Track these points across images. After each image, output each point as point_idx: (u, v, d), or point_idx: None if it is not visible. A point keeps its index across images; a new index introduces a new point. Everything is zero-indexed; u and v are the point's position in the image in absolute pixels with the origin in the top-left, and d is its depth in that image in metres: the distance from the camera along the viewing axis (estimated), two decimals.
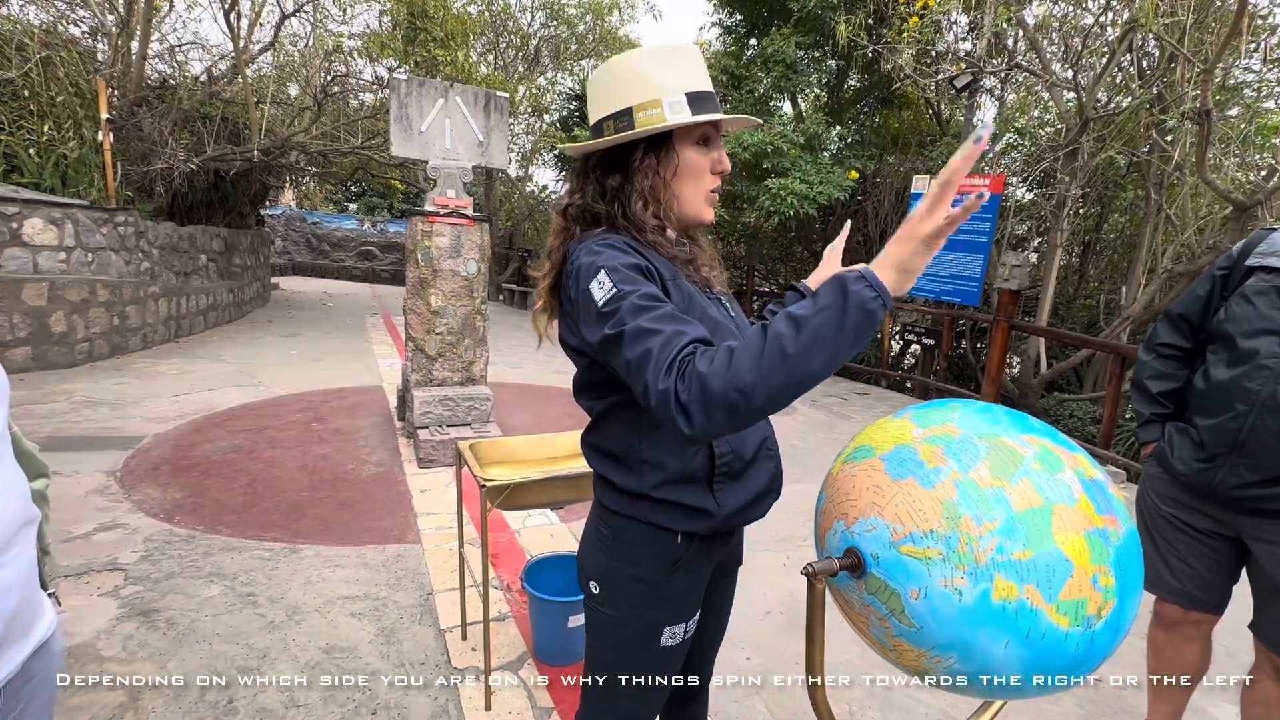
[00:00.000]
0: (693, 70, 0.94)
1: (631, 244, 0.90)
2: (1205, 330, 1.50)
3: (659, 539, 0.95)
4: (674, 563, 0.95)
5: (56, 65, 6.26)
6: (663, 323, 0.77)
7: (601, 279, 0.83)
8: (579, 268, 0.87)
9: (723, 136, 1.00)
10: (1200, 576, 1.51)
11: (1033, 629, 0.64)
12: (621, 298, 0.80)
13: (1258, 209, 4.86)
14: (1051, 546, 0.65)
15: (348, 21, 9.38)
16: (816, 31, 7.27)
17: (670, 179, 0.95)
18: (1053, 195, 6.62)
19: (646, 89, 0.92)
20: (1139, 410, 1.62)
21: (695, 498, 0.93)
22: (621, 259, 0.85)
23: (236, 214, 10.14)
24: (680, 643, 1.00)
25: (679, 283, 0.92)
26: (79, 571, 2.36)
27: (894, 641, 0.73)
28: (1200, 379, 1.46)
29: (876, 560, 0.72)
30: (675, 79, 0.92)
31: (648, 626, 0.97)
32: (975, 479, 0.70)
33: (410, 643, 2.09)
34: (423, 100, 3.78)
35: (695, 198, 0.97)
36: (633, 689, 1.00)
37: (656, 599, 0.96)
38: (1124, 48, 5.68)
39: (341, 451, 3.86)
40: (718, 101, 0.96)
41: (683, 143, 0.95)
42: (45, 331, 5.14)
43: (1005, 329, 5.31)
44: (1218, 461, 1.39)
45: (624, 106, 0.93)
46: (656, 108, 0.91)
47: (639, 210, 0.94)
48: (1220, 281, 1.48)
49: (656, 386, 0.73)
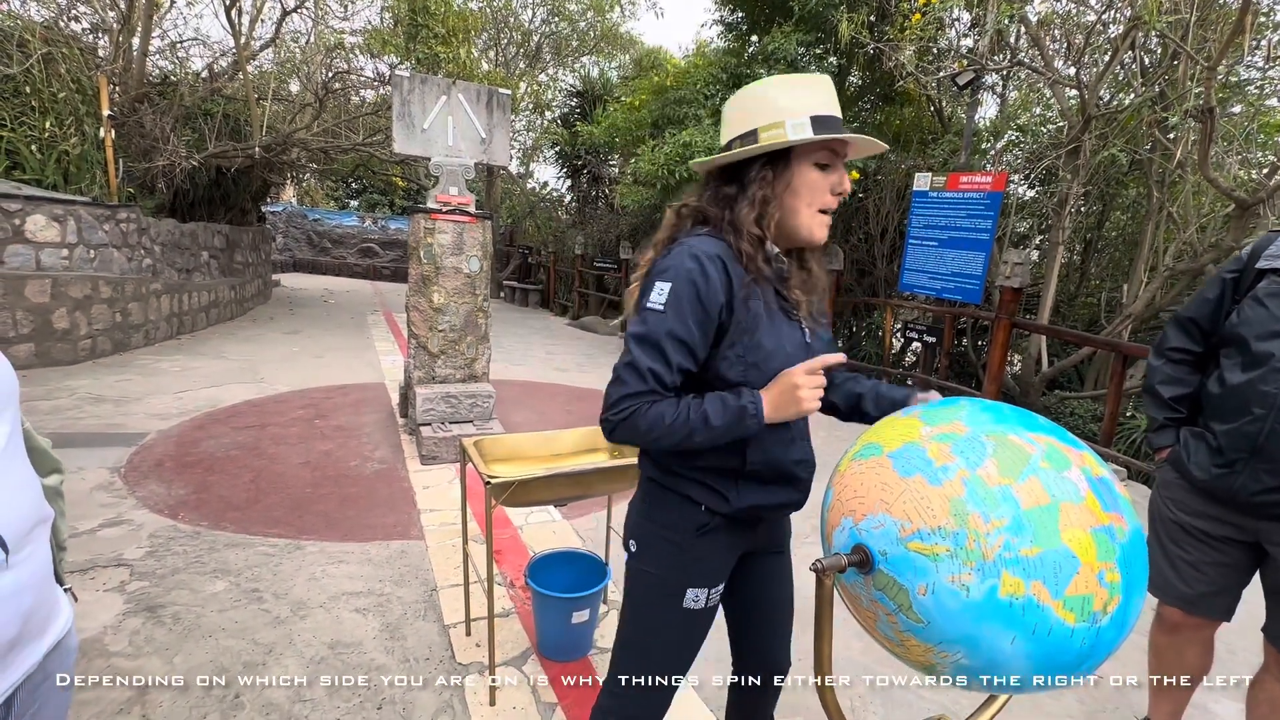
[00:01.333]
0: (820, 96, 1.00)
1: (722, 256, 0.99)
2: (1217, 334, 1.49)
3: (687, 508, 1.08)
4: (699, 529, 1.08)
5: (58, 62, 6.25)
6: (654, 358, 0.97)
7: (663, 288, 0.98)
8: (667, 264, 1.00)
9: (844, 159, 1.04)
10: (1210, 583, 1.49)
11: (1039, 624, 0.65)
12: (659, 318, 0.97)
13: (1260, 207, 4.85)
14: (1058, 543, 0.66)
15: (349, 18, 9.39)
16: (818, 29, 7.24)
17: (782, 192, 1.02)
18: (1054, 193, 6.62)
19: (772, 111, 0.99)
20: (1152, 416, 1.61)
21: (719, 483, 1.06)
22: (692, 284, 0.97)
23: (238, 211, 10.14)
24: (703, 608, 1.11)
25: (749, 304, 1.00)
26: (85, 567, 2.38)
27: (901, 637, 0.74)
28: (1215, 383, 1.44)
29: (884, 557, 0.73)
30: (800, 102, 0.99)
31: (674, 585, 1.09)
32: (983, 476, 0.70)
33: (414, 638, 2.10)
34: (425, 97, 3.78)
35: (807, 214, 1.03)
36: (661, 645, 1.12)
37: (683, 560, 1.09)
38: (1127, 45, 5.67)
39: (344, 448, 3.87)
40: (842, 128, 1.00)
41: (801, 161, 1.01)
42: (48, 328, 5.15)
43: (1007, 327, 5.31)
44: (1236, 467, 1.37)
45: (750, 128, 1.01)
46: (779, 128, 0.98)
47: (744, 215, 1.01)
48: (1231, 285, 1.47)
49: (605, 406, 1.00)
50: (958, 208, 6.04)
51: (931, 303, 6.60)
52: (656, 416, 0.96)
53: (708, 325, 0.98)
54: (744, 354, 1.00)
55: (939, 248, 6.23)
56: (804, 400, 0.94)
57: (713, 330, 0.99)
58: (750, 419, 0.95)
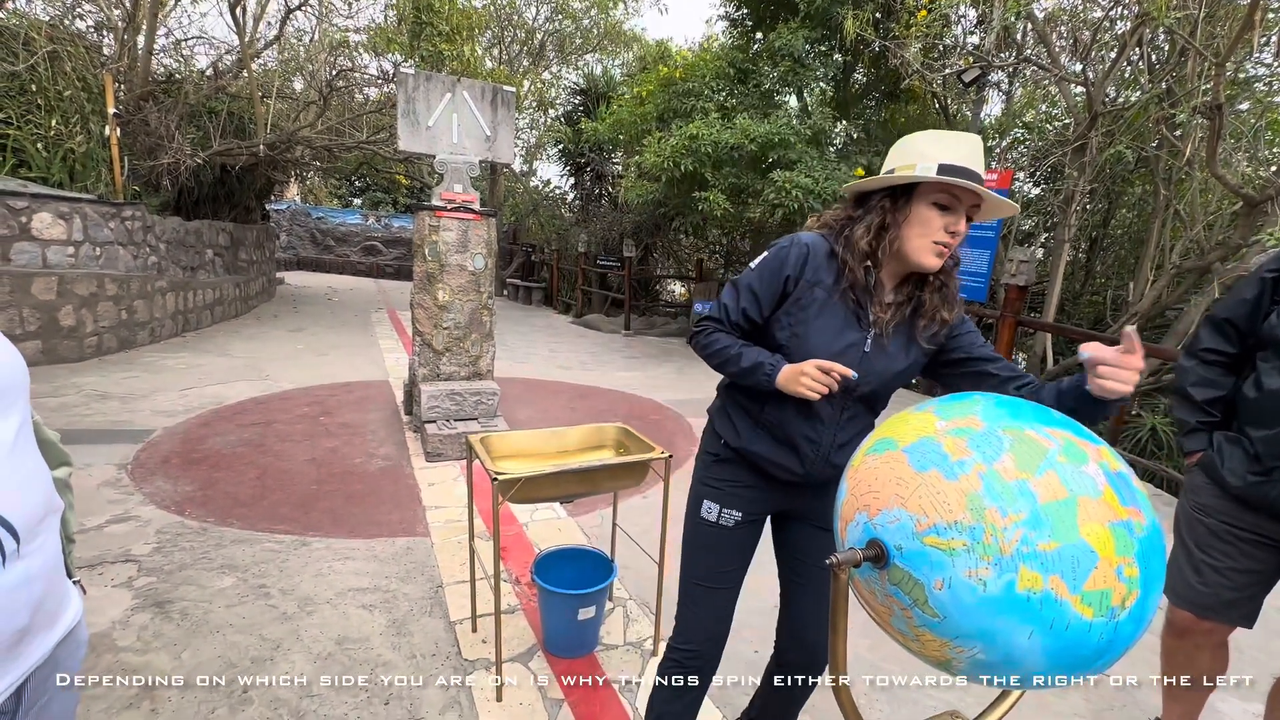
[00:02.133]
0: (962, 150, 1.09)
1: (811, 246, 1.21)
2: (1254, 335, 1.43)
3: (712, 437, 1.39)
4: (715, 456, 1.37)
5: (63, 60, 6.27)
6: (730, 297, 1.27)
7: (762, 256, 1.25)
8: (772, 244, 1.26)
9: (970, 208, 1.12)
10: (1238, 589, 1.45)
11: (1057, 619, 0.64)
12: (750, 272, 1.25)
13: (1268, 204, 4.82)
14: (1076, 538, 0.65)
15: (353, 15, 9.38)
16: (823, 26, 7.22)
17: (901, 222, 1.14)
18: (1060, 190, 6.59)
19: (913, 155, 1.12)
20: (1182, 419, 1.55)
21: (740, 421, 1.31)
22: (776, 254, 1.22)
23: (242, 209, 10.16)
24: (715, 522, 1.33)
25: (813, 290, 1.20)
26: (93, 563, 2.38)
27: (916, 632, 0.73)
28: (1251, 387, 1.39)
29: (900, 551, 0.72)
30: (938, 151, 1.09)
31: (696, 495, 1.38)
32: (1000, 471, 0.70)
33: (421, 634, 2.10)
34: (430, 94, 3.77)
35: (919, 244, 1.13)
36: (689, 548, 1.38)
37: (704, 476, 1.38)
38: (1134, 41, 5.63)
39: (350, 445, 3.88)
40: (974, 177, 1.08)
41: (921, 199, 1.12)
42: (54, 325, 5.17)
43: (1012, 325, 5.28)
44: (1274, 475, 1.33)
45: (891, 167, 1.15)
46: (910, 168, 1.11)
47: (857, 235, 1.18)
48: (1271, 284, 1.40)
49: (696, 321, 1.36)
50: None
51: None
52: (715, 338, 1.26)
53: (775, 286, 1.21)
54: (792, 324, 1.21)
55: None
56: (801, 384, 1.13)
57: (778, 294, 1.22)
58: (764, 376, 1.19)
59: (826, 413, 1.23)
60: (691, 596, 1.37)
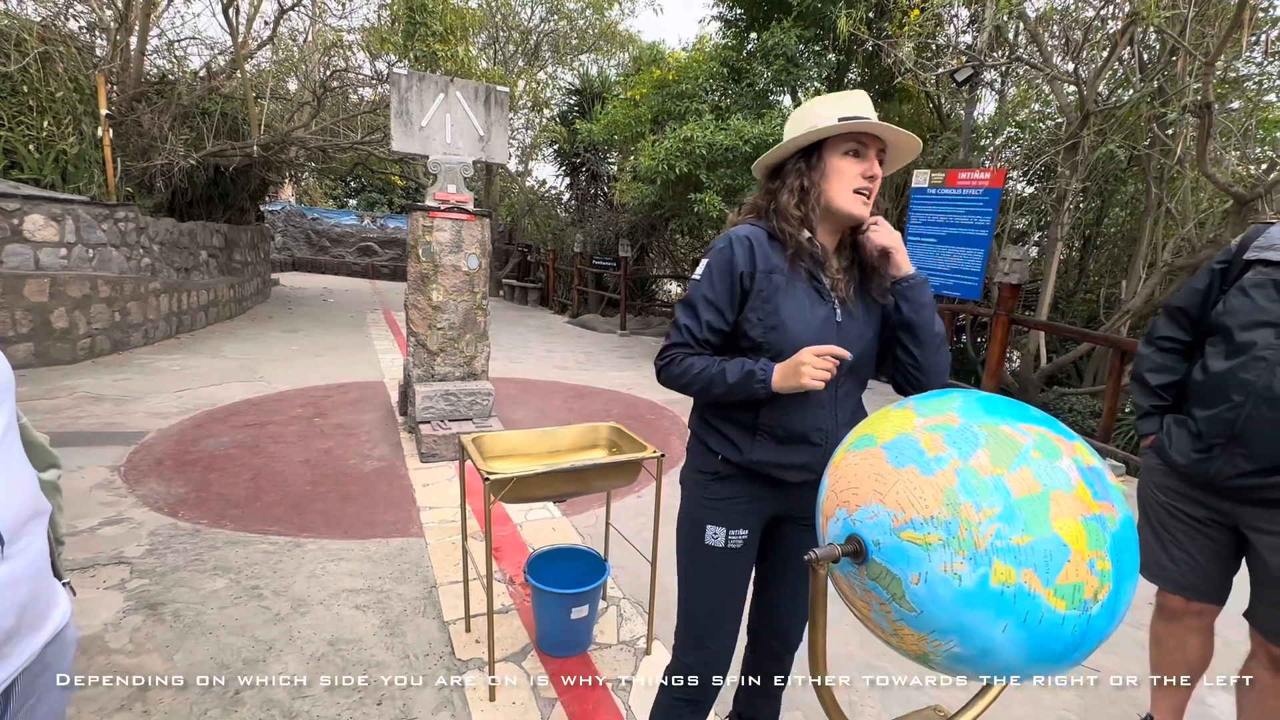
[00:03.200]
0: (853, 103, 1.16)
1: (751, 238, 1.19)
2: (1204, 323, 1.51)
3: (707, 455, 1.27)
4: (714, 475, 1.26)
5: (55, 61, 6.24)
6: (688, 315, 1.20)
7: (703, 265, 1.21)
8: (710, 249, 1.23)
9: (876, 152, 1.18)
10: (1201, 566, 1.52)
11: (1031, 612, 0.65)
12: (699, 284, 1.20)
13: (1258, 202, 4.85)
14: (1049, 532, 0.66)
15: (347, 16, 9.36)
16: (817, 25, 7.23)
17: (819, 181, 1.17)
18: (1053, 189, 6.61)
19: (810, 119, 1.16)
20: (1138, 403, 1.63)
21: (737, 436, 1.22)
22: (720, 256, 1.19)
23: (236, 210, 10.13)
24: (723, 547, 1.24)
25: (771, 276, 1.17)
26: (85, 565, 2.38)
27: (895, 626, 0.74)
28: (1198, 371, 1.47)
29: (878, 547, 0.73)
30: (834, 109, 1.15)
31: (696, 521, 1.27)
32: (975, 467, 0.71)
33: (414, 635, 2.11)
34: (423, 95, 3.77)
35: (841, 195, 1.17)
36: (695, 578, 1.29)
37: (702, 499, 1.27)
38: (1125, 41, 5.66)
39: (344, 446, 3.88)
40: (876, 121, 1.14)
41: (832, 153, 1.17)
42: (47, 327, 5.15)
43: (1005, 323, 5.31)
44: (1215, 452, 1.40)
45: (793, 135, 1.18)
46: (811, 129, 1.15)
47: (785, 202, 1.19)
48: (1219, 275, 1.49)
49: (659, 355, 1.25)
50: (956, 204, 6.04)
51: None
52: (688, 365, 1.18)
53: (733, 289, 1.18)
54: (763, 318, 1.16)
55: (938, 244, 6.23)
56: (804, 375, 1.07)
57: (738, 294, 1.18)
58: (758, 383, 1.12)
59: (824, 398, 1.20)
60: (705, 631, 1.26)
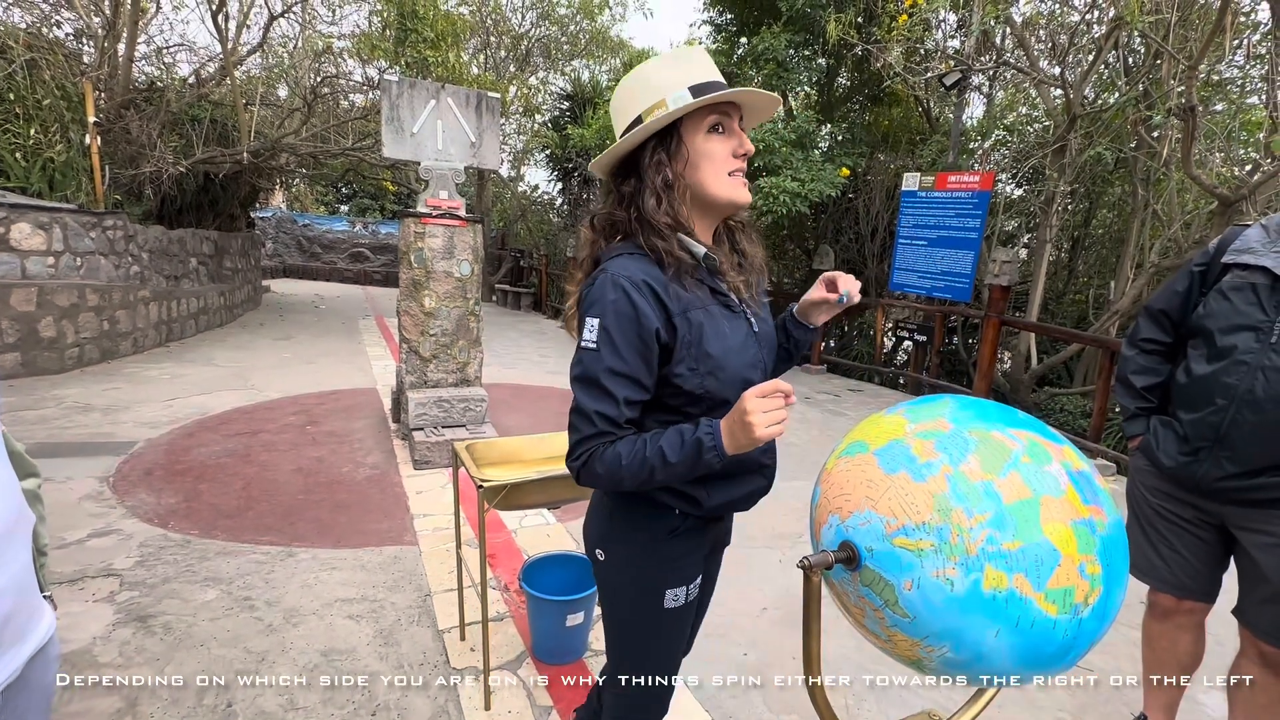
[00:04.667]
0: (696, 65, 0.96)
1: (649, 279, 0.93)
2: (1185, 325, 1.52)
3: (658, 513, 1.03)
4: (671, 532, 1.04)
5: (42, 68, 6.20)
6: (597, 398, 0.93)
7: (592, 324, 0.93)
8: (592, 298, 0.95)
9: (739, 121, 1.00)
10: (1190, 566, 1.54)
11: (1022, 617, 0.66)
12: (595, 358, 0.93)
13: (1243, 203, 4.92)
14: (1040, 537, 0.67)
15: (337, 22, 9.36)
16: (806, 30, 7.29)
17: (683, 170, 0.96)
18: (1041, 191, 6.68)
19: (651, 93, 0.95)
20: (1124, 405, 1.65)
21: (689, 488, 1.01)
22: (619, 316, 0.91)
23: (226, 217, 10.07)
24: (683, 605, 1.07)
25: (688, 316, 0.95)
26: (74, 578, 2.35)
27: (888, 632, 0.75)
28: (1182, 374, 1.48)
29: (871, 553, 0.74)
30: (677, 76, 0.94)
31: (651, 586, 1.05)
32: (966, 472, 0.71)
33: (409, 644, 2.09)
34: (414, 101, 3.77)
35: (716, 182, 0.97)
36: (653, 647, 1.09)
37: (658, 559, 1.04)
38: (1110, 45, 5.74)
39: (336, 454, 3.85)
40: (728, 87, 0.96)
41: (692, 133, 0.96)
42: (34, 337, 5.09)
43: (996, 325, 5.35)
44: (1201, 454, 1.42)
45: (635, 115, 0.97)
46: (661, 107, 0.94)
47: (652, 209, 0.96)
48: (1199, 277, 1.51)
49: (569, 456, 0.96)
50: (946, 207, 6.09)
51: (922, 302, 6.64)
52: (614, 458, 0.91)
53: (647, 353, 0.93)
54: (696, 365, 0.95)
55: (928, 247, 6.28)
56: (756, 428, 0.83)
57: (654, 355, 0.94)
58: (709, 452, 0.87)
59: None
60: (659, 690, 1.12)
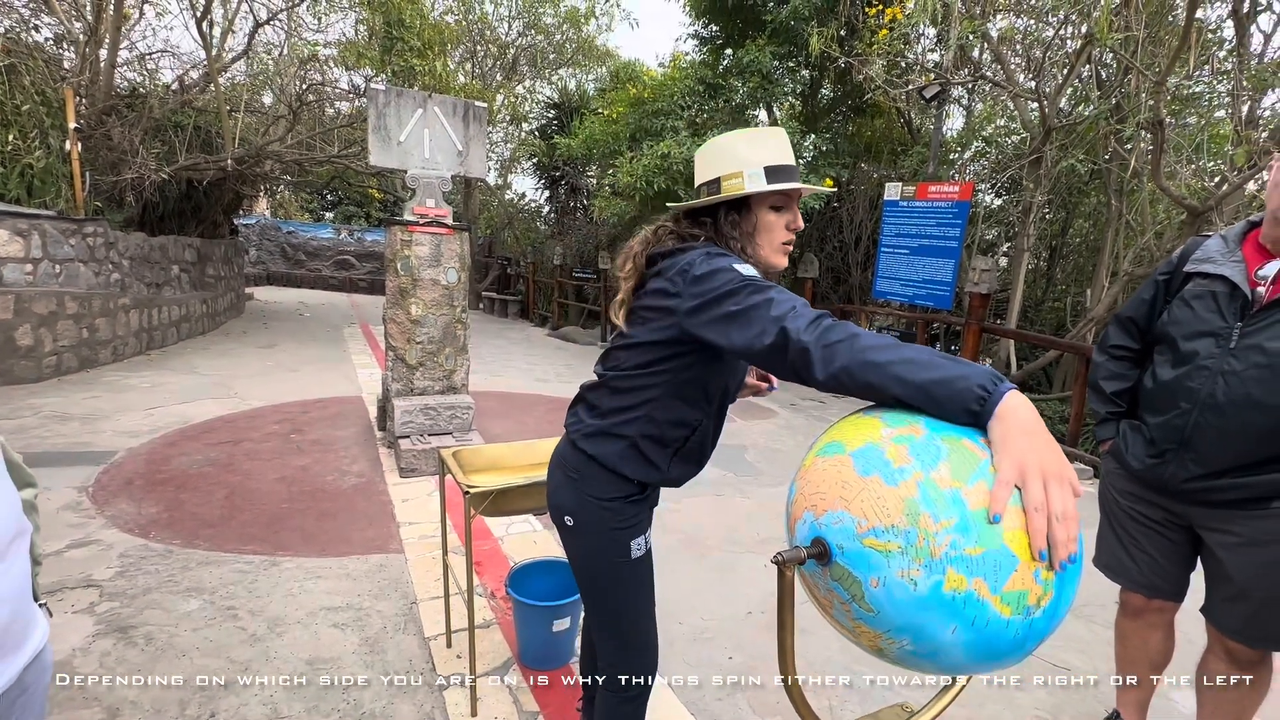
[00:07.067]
0: (774, 147, 1.14)
1: None
2: (1151, 332, 1.59)
3: (619, 481, 1.20)
4: (628, 497, 1.21)
5: (21, 73, 6.12)
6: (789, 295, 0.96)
7: (740, 265, 1.02)
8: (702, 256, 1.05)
9: (797, 200, 1.20)
10: (1160, 566, 1.59)
11: (978, 616, 0.70)
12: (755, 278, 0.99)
13: (1211, 214, 5.07)
14: (1000, 544, 0.70)
15: (323, 30, 9.33)
16: (790, 43, 7.41)
17: (750, 234, 1.17)
18: (1019, 201, 6.84)
19: (732, 162, 1.13)
20: (1096, 409, 1.70)
21: (657, 455, 1.19)
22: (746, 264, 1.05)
23: (209, 224, 9.97)
24: (645, 554, 1.26)
25: None
26: (53, 589, 2.32)
27: (854, 624, 0.78)
28: (1149, 379, 1.54)
29: (841, 551, 0.77)
30: (757, 154, 1.13)
31: (619, 542, 1.22)
32: (936, 480, 0.75)
33: (394, 651, 2.09)
34: (401, 110, 3.79)
35: (768, 249, 1.18)
36: (634, 594, 1.25)
37: (619, 520, 1.21)
38: (1083, 60, 5.90)
39: (321, 463, 3.83)
40: (795, 173, 1.15)
41: (759, 206, 1.16)
42: (11, 345, 5.01)
43: (976, 332, 5.45)
44: (1167, 457, 1.47)
45: (714, 176, 1.15)
46: (738, 177, 1.13)
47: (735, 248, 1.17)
48: (1163, 286, 1.57)
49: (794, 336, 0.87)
50: (927, 216, 6.21)
51: (904, 309, 6.75)
52: (850, 328, 0.86)
53: None
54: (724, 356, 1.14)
55: (910, 255, 6.38)
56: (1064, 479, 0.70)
57: None
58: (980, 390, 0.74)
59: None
60: (645, 633, 1.29)
